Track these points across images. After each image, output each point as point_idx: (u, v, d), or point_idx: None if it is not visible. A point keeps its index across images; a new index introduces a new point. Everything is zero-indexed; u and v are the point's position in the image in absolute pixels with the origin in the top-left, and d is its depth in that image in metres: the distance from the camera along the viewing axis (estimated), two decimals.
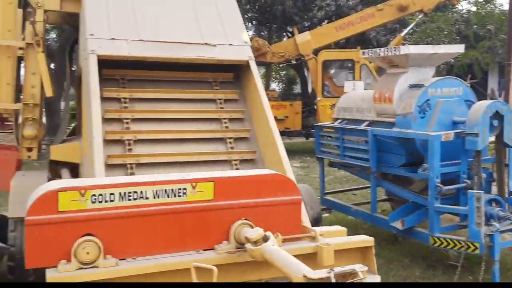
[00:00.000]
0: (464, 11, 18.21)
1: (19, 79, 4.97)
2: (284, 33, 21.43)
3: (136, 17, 3.83)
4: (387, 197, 6.59)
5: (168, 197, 2.26)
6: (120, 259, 2.17)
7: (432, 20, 14.54)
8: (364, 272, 1.73)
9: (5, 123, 20.01)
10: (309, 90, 19.13)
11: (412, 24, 14.04)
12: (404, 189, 5.34)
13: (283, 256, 1.98)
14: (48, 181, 4.34)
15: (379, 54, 5.32)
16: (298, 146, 14.86)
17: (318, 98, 12.91)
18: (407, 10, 12.93)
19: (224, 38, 3.95)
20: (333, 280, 1.60)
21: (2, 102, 4.74)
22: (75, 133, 5.43)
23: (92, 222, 2.13)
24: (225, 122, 3.72)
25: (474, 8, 18.00)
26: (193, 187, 2.30)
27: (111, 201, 2.17)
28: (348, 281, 1.64)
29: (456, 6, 16.88)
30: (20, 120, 4.92)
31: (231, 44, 3.93)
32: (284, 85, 23.12)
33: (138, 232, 2.21)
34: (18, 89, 4.93)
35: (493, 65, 16.23)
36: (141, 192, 2.22)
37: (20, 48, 4.71)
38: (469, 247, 4.42)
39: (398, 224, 5.03)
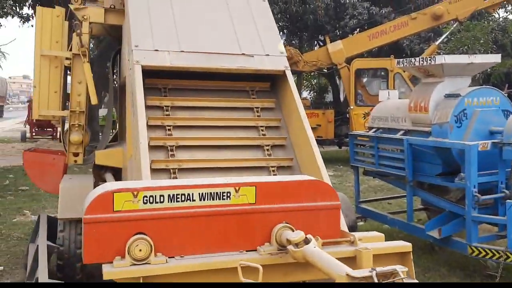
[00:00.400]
0: (501, 19, 17.86)
1: (65, 88, 5.24)
2: (316, 42, 21.50)
3: (177, 29, 3.99)
4: (423, 207, 6.56)
5: (213, 200, 2.38)
6: (169, 257, 2.30)
7: (467, 29, 14.33)
8: (405, 273, 1.80)
9: (45, 129, 20.83)
10: (341, 98, 19.11)
11: (447, 33, 13.89)
12: (440, 198, 5.33)
13: (325, 257, 2.07)
14: (94, 184, 4.56)
15: (414, 64, 5.34)
16: (331, 154, 14.85)
17: (351, 107, 12.92)
18: (441, 19, 12.80)
19: (261, 48, 4.06)
20: (375, 279, 1.67)
21: (51, 109, 5.01)
22: (117, 139, 5.66)
23: (144, 222, 2.26)
24: (262, 130, 3.82)
25: (511, 17, 17.65)
26: (236, 191, 2.41)
27: (161, 202, 2.30)
28: (389, 281, 1.71)
29: (493, 14, 16.60)
30: (66, 126, 5.18)
31: (267, 55, 4.03)
32: (315, 93, 23.13)
33: (186, 232, 2.34)
34: (65, 97, 5.19)
35: None
36: (188, 194, 2.34)
37: (67, 58, 4.98)
38: (508, 257, 4.38)
39: (435, 233, 5.02)
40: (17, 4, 12.43)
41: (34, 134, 20.48)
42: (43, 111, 4.99)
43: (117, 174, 4.86)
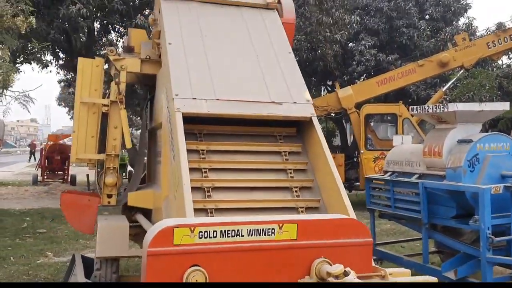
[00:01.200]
0: (505, 66, 18.44)
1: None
2: (323, 87, 22.11)
3: (213, 78, 4.34)
4: (436, 249, 6.73)
5: (259, 235, 2.64)
6: None
7: (473, 75, 14.83)
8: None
9: (56, 173, 21.17)
10: (349, 142, 19.46)
11: (453, 80, 14.37)
12: (456, 240, 5.53)
13: None
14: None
15: (428, 111, 5.69)
16: None
17: (362, 151, 13.21)
18: (448, 66, 13.28)
19: (289, 97, 4.38)
20: None
21: (88, 153, 5.34)
22: (145, 181, 5.94)
23: (199, 255, 2.52)
24: (290, 173, 4.09)
25: None
26: (280, 228, 2.68)
27: (214, 237, 2.57)
28: None
29: (496, 61, 17.16)
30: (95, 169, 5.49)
31: (295, 103, 4.35)
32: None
33: (235, 264, 2.58)
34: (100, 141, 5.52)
35: None
36: (238, 230, 2.61)
37: (104, 105, 5.35)
38: None
39: (451, 274, 5.20)
40: (40, 51, 13.08)
41: (45, 177, 20.74)
42: (81, 155, 5.31)
43: (146, 215, 5.12)
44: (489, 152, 5.29)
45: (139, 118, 21.14)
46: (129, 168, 15.09)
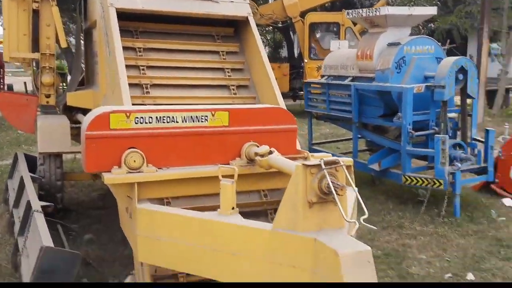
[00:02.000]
0: None
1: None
2: None
3: None
4: (367, 148, 7.30)
5: (193, 122, 2.85)
6: (158, 168, 2.77)
7: None
8: (346, 161, 2.37)
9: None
10: (296, 54, 19.60)
11: None
12: (381, 136, 6.03)
13: (286, 161, 2.60)
14: None
15: (362, 15, 5.89)
16: (286, 107, 15.41)
17: (305, 61, 13.43)
18: None
19: None
20: (323, 166, 2.21)
21: (21, 52, 5.21)
22: (84, 83, 5.90)
23: (136, 138, 2.70)
24: (228, 72, 4.26)
25: None
26: (213, 115, 2.89)
27: (150, 123, 2.75)
28: (331, 167, 2.24)
29: None
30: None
31: (232, 1, 4.40)
32: (271, 48, 23.47)
33: (171, 148, 2.80)
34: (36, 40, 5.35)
35: (472, 31, 16.88)
36: (173, 117, 2.80)
37: (35, 1, 5.14)
38: (434, 183, 5.16)
39: (375, 166, 5.75)
40: None
41: None
42: (14, 53, 5.17)
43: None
44: (415, 54, 5.64)
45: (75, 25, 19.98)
46: (69, 77, 14.62)
